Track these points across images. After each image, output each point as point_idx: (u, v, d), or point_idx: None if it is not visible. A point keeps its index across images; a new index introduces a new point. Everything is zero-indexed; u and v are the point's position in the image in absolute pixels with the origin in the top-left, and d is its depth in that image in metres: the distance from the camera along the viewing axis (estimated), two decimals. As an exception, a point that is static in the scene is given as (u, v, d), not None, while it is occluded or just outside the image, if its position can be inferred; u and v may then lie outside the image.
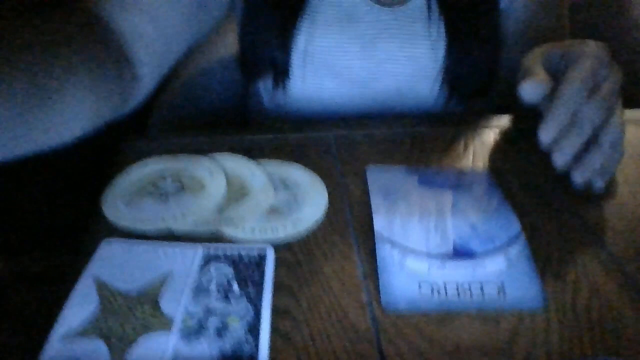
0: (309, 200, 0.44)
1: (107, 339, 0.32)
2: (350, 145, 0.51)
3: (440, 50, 0.61)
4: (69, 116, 0.37)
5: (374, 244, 0.39)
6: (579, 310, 0.34)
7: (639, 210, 0.44)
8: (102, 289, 0.35)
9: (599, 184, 0.44)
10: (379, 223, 0.41)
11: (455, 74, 0.61)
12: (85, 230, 0.42)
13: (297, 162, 0.48)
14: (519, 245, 0.39)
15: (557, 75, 0.43)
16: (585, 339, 0.33)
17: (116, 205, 0.43)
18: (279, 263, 0.38)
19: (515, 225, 0.41)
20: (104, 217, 0.42)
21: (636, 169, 0.48)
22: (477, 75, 0.62)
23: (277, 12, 0.60)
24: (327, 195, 0.44)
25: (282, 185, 0.46)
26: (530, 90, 0.43)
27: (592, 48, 0.43)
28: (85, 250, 0.39)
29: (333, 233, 0.41)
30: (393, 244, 0.39)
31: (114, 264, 0.37)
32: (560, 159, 0.41)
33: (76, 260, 0.38)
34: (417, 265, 0.38)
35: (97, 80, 0.40)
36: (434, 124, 0.56)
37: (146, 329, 0.33)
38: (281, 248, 0.39)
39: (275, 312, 0.34)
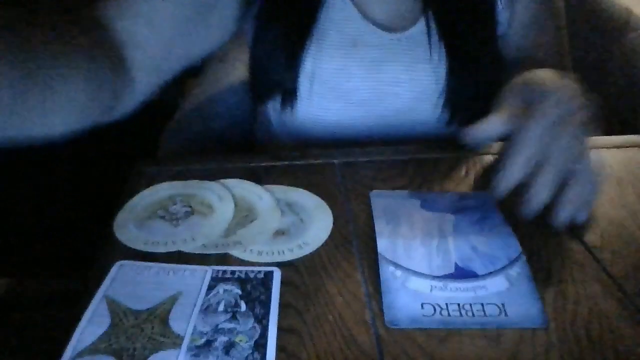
0: (315, 224, 0.45)
1: (118, 356, 0.33)
2: (354, 171, 0.53)
3: (442, 74, 0.63)
4: (63, 103, 0.40)
5: (378, 265, 0.40)
6: (579, 329, 0.35)
7: (638, 232, 0.44)
8: (114, 307, 0.36)
9: (582, 216, 0.44)
10: (382, 246, 0.42)
11: (456, 96, 0.63)
12: (96, 254, 0.43)
13: (303, 187, 0.50)
14: (519, 267, 0.40)
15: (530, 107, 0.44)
16: (586, 357, 0.33)
17: (128, 228, 0.44)
18: (285, 283, 0.39)
19: (515, 247, 0.42)
20: (115, 240, 0.43)
21: (634, 192, 0.49)
22: (478, 98, 0.63)
23: (285, 37, 0.63)
24: (332, 219, 0.46)
25: (289, 209, 0.47)
26: (477, 135, 0.45)
27: (559, 85, 0.44)
28: (97, 273, 0.40)
29: (337, 254, 0.42)
30: (396, 266, 0.40)
31: (126, 285, 0.39)
32: (536, 201, 0.41)
33: (87, 283, 0.40)
34: (420, 286, 0.39)
35: (91, 74, 0.42)
36: (436, 149, 0.57)
37: (156, 347, 0.34)
38: (287, 268, 0.40)
39: (282, 330, 0.35)
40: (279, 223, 0.45)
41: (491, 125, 0.45)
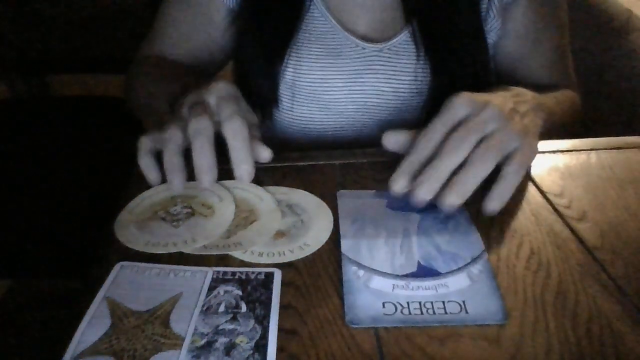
0: (315, 225, 0.45)
1: (119, 357, 0.33)
2: (355, 172, 0.53)
3: (425, 85, 0.63)
4: None
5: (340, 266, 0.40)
6: (580, 331, 0.35)
7: (638, 232, 0.44)
8: (115, 308, 0.37)
9: (492, 206, 0.42)
10: (346, 245, 0.42)
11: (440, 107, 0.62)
12: (96, 254, 0.43)
13: (303, 188, 0.50)
14: (481, 264, 0.40)
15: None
16: (586, 357, 0.33)
17: (129, 228, 0.44)
18: (285, 284, 0.39)
19: (478, 245, 0.42)
20: (116, 241, 0.43)
21: (634, 192, 0.49)
22: None
23: (265, 48, 0.64)
24: (332, 220, 0.46)
25: (289, 210, 0.47)
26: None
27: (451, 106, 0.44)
28: (97, 273, 0.40)
29: (338, 255, 0.42)
30: (359, 265, 0.40)
31: (127, 286, 0.39)
32: (420, 194, 0.41)
33: (87, 283, 0.40)
34: (382, 286, 0.39)
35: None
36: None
37: (157, 347, 0.34)
38: (288, 269, 0.40)
39: (282, 331, 0.35)
40: (280, 224, 0.45)
41: (399, 137, 0.47)
